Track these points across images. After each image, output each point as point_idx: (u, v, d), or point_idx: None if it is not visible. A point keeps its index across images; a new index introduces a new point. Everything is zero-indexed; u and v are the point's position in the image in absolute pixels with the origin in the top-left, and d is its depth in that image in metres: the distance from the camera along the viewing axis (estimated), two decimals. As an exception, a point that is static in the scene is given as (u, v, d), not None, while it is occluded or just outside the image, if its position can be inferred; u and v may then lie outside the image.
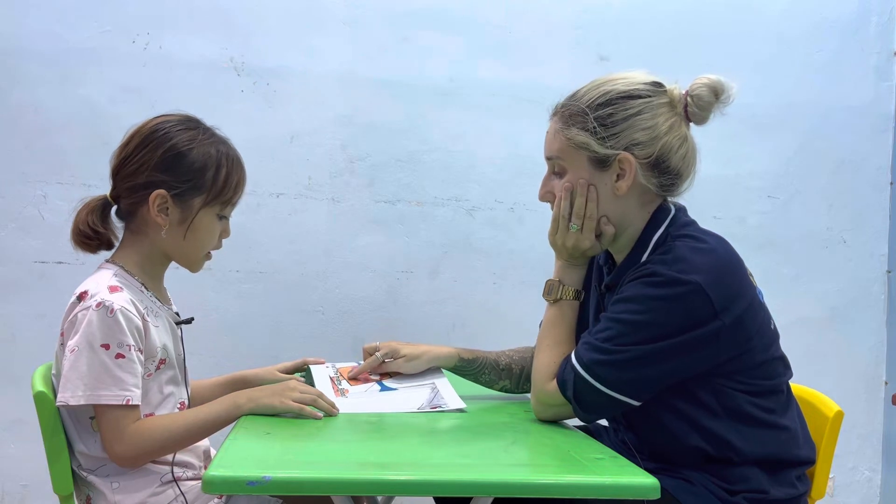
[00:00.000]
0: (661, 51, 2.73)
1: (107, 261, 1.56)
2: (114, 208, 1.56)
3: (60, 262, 2.50)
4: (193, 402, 1.68)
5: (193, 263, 1.62)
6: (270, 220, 2.65)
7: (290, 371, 1.84)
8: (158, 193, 1.50)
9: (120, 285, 1.47)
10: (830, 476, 1.89)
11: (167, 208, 1.52)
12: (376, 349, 1.72)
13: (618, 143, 1.47)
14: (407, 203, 2.72)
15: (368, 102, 2.69)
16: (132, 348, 1.43)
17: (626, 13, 2.80)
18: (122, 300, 1.44)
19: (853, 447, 2.92)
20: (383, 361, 1.71)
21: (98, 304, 1.42)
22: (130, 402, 1.42)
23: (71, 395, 1.40)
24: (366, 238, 2.70)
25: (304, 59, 2.66)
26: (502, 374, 1.78)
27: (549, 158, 1.57)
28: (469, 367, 1.76)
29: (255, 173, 2.62)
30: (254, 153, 2.62)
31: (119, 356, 1.41)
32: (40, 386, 1.47)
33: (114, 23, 2.58)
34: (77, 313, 1.44)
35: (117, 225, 1.57)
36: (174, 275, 1.69)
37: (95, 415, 1.45)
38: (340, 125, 2.69)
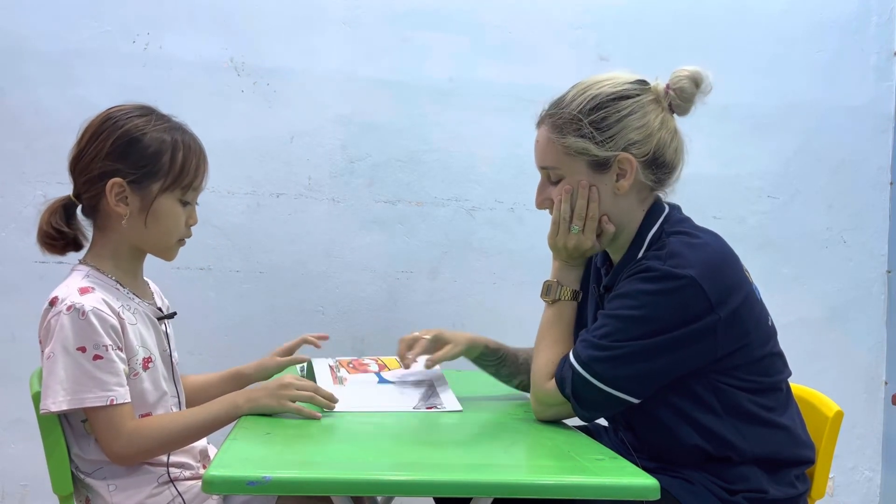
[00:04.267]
0: (660, 51, 2.73)
1: (79, 262, 1.53)
2: (79, 207, 1.53)
3: (60, 262, 2.48)
4: (191, 397, 1.68)
5: (165, 251, 1.57)
6: (270, 220, 2.65)
7: (290, 352, 1.81)
8: (114, 182, 1.47)
9: (91, 286, 1.45)
10: (830, 476, 1.89)
11: (126, 197, 1.48)
12: (416, 339, 1.71)
13: (616, 144, 1.48)
14: (407, 203, 2.72)
15: (368, 102, 2.69)
16: (110, 348, 1.41)
17: (626, 13, 2.80)
18: (94, 301, 1.42)
19: (853, 447, 2.92)
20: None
21: (69, 308, 1.40)
22: (115, 402, 1.40)
23: (52, 401, 1.38)
24: (366, 238, 2.70)
25: (304, 59, 2.66)
26: (521, 369, 1.78)
27: (543, 168, 1.57)
28: (492, 357, 1.77)
29: (255, 173, 2.65)
30: (254, 153, 2.65)
31: (97, 357, 1.40)
32: (38, 387, 1.47)
33: (114, 23, 2.58)
34: (49, 319, 1.42)
35: (85, 224, 1.54)
36: (173, 274, 1.68)
37: (87, 418, 1.44)
38: (340, 125, 2.68)
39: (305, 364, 1.83)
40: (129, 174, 1.47)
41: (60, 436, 1.47)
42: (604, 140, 1.48)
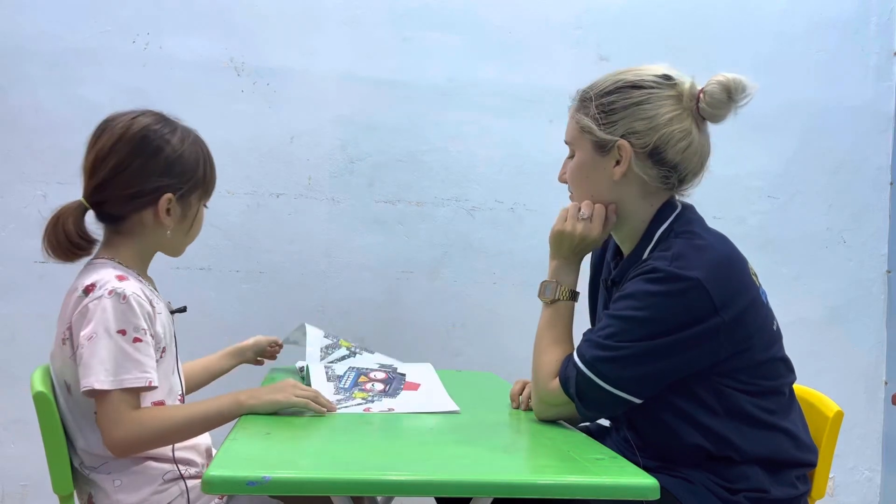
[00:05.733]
0: (660, 51, 2.73)
1: (99, 257, 1.55)
2: (90, 212, 1.54)
3: (60, 262, 2.50)
4: (195, 380, 1.86)
5: (181, 251, 1.66)
6: (270, 220, 2.65)
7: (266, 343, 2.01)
8: (168, 197, 1.53)
9: (125, 275, 1.50)
10: (830, 476, 1.89)
11: (168, 209, 1.54)
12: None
13: (616, 129, 1.50)
14: (407, 203, 2.72)
15: (368, 102, 2.69)
16: (147, 332, 1.45)
17: (626, 13, 2.80)
18: (133, 287, 1.46)
19: (853, 447, 2.92)
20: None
21: (110, 292, 1.43)
22: (152, 384, 1.43)
23: (95, 379, 1.39)
24: (366, 238, 2.70)
25: (304, 59, 2.66)
26: None
27: (565, 142, 1.61)
28: None
29: (255, 173, 2.65)
30: (254, 153, 2.65)
31: (136, 340, 1.43)
32: (40, 386, 1.47)
33: (114, 23, 2.58)
34: (87, 304, 1.44)
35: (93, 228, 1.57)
36: (172, 274, 1.69)
37: (97, 402, 1.43)
38: (340, 125, 2.69)
39: (305, 367, 1.85)
40: (179, 188, 1.55)
41: (62, 436, 1.48)
42: (607, 123, 1.50)
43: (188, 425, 1.47)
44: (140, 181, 1.51)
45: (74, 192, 1.52)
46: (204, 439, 1.61)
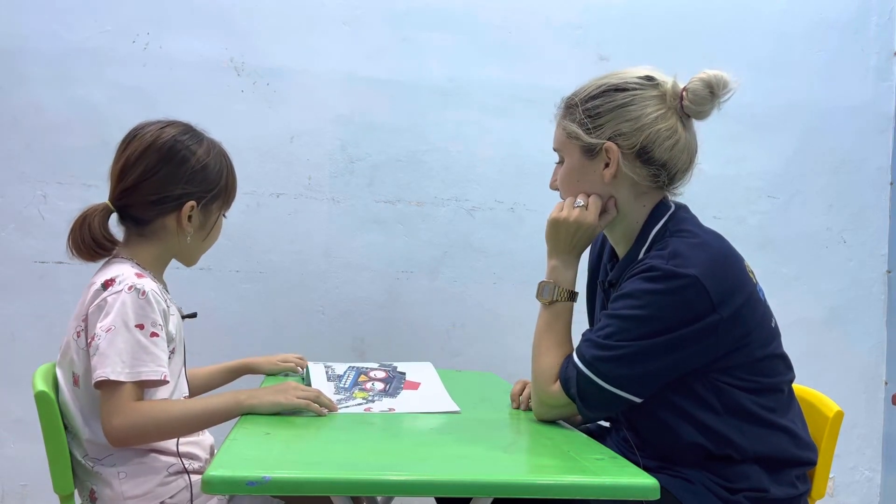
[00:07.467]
0: (661, 51, 2.73)
1: (118, 256, 1.58)
2: (114, 214, 1.59)
3: (60, 262, 2.50)
4: (197, 387, 1.82)
5: (196, 260, 1.70)
6: (270, 220, 2.65)
7: (289, 362, 2.03)
8: (191, 204, 1.58)
9: (143, 273, 1.54)
10: (830, 476, 1.90)
11: (190, 217, 1.59)
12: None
13: (602, 133, 1.51)
14: (407, 203, 2.72)
15: (368, 102, 2.69)
16: (162, 328, 1.49)
17: (626, 13, 2.80)
18: (151, 285, 1.50)
19: (853, 447, 2.92)
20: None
21: (130, 287, 1.47)
22: (166, 378, 1.46)
23: (112, 370, 1.41)
24: (366, 238, 2.70)
25: (304, 59, 2.66)
26: None
27: (554, 149, 1.61)
28: None
29: (255, 173, 2.65)
30: (254, 153, 2.65)
31: (153, 335, 1.47)
32: (41, 386, 1.47)
33: (114, 23, 2.58)
34: (106, 297, 1.47)
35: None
36: (173, 274, 1.69)
37: (104, 392, 1.44)
38: (340, 125, 2.69)
39: (305, 367, 1.85)
40: (202, 197, 1.61)
41: (63, 435, 1.48)
42: (593, 128, 1.51)
43: (186, 420, 1.48)
44: (166, 188, 1.57)
45: (74, 192, 1.53)
46: (207, 437, 1.63)
